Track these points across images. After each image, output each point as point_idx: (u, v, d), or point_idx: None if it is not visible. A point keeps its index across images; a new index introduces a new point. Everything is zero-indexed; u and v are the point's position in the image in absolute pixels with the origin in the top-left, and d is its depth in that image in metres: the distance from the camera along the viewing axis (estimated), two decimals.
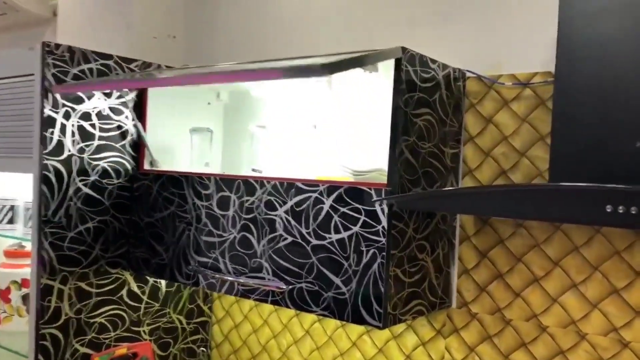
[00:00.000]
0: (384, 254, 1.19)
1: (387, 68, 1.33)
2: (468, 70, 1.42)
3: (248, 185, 1.41)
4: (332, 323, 1.67)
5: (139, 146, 1.69)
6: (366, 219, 1.22)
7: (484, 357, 1.41)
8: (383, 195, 1.19)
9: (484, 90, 1.41)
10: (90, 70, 1.57)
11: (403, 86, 1.20)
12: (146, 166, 1.69)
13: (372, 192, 1.21)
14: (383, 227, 1.19)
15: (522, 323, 1.36)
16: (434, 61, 1.31)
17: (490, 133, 1.41)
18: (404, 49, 1.20)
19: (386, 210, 1.19)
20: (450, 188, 1.36)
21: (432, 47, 1.42)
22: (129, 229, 1.67)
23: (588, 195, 0.90)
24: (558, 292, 1.31)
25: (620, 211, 0.86)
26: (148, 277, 1.74)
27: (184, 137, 1.74)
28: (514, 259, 1.37)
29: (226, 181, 1.46)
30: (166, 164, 1.70)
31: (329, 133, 1.54)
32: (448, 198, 1.05)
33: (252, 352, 1.85)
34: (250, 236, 1.41)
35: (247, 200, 1.41)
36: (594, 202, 0.89)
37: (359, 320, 1.22)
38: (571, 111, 1.06)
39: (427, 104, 1.30)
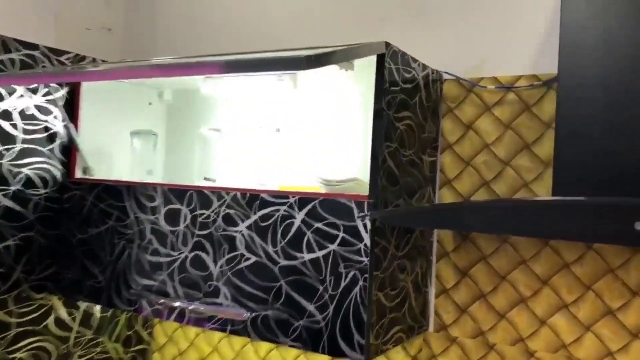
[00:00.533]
0: (366, 275, 1.04)
1: (363, 66, 1.19)
2: (446, 72, 1.31)
3: (202, 196, 1.23)
4: (292, 351, 1.51)
5: (69, 151, 1.46)
6: (345, 235, 1.07)
7: None
8: (366, 209, 1.04)
9: (463, 93, 1.30)
10: (12, 61, 1.34)
11: (386, 86, 1.06)
12: (78, 174, 1.46)
13: (353, 205, 1.06)
14: (365, 245, 1.05)
15: (508, 347, 1.24)
16: (414, 60, 1.18)
17: (470, 140, 1.29)
18: (387, 44, 1.06)
19: (369, 226, 1.04)
20: (455, 202, 1.22)
21: (406, 46, 1.29)
22: (57, 246, 1.43)
23: (613, 210, 0.78)
24: (547, 313, 1.21)
25: None
26: (80, 303, 1.51)
27: (122, 141, 1.53)
28: (498, 277, 1.26)
29: (176, 192, 1.26)
30: (102, 172, 1.48)
31: (293, 137, 1.38)
32: (452, 212, 0.91)
33: None
34: (204, 255, 1.22)
35: (202, 214, 1.23)
36: (619, 219, 0.78)
37: (337, 353, 1.07)
38: (576, 117, 0.96)
39: (408, 106, 1.17)
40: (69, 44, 1.60)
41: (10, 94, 1.34)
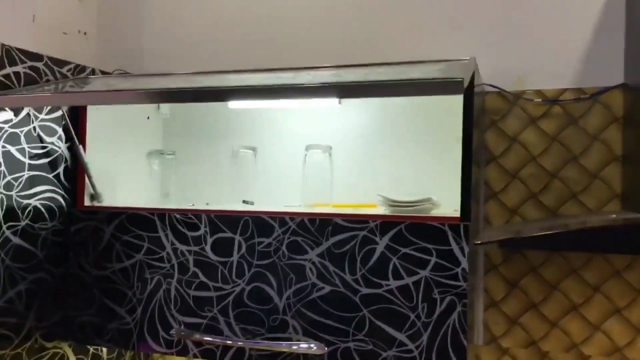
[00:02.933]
0: (465, 300, 1.01)
1: None
2: (490, 85, 1.31)
3: (260, 223, 1.13)
4: None
5: (74, 176, 1.28)
6: (439, 260, 1.03)
7: None
8: (462, 232, 1.01)
9: (507, 106, 1.31)
10: (17, 74, 1.14)
11: (474, 104, 1.04)
12: (87, 202, 1.29)
13: (447, 228, 1.02)
14: (463, 270, 1.01)
15: (562, 354, 1.28)
16: (479, 74, 1.17)
17: (515, 153, 1.31)
18: (475, 61, 1.04)
19: (467, 250, 1.01)
20: (577, 218, 1.18)
21: (444, 58, 1.28)
22: (67, 286, 1.25)
23: None
24: (600, 319, 1.25)
25: None
26: (90, 347, 1.33)
27: (132, 161, 1.37)
28: (548, 287, 1.28)
29: (226, 219, 1.15)
30: (108, 198, 1.32)
31: (341, 156, 1.31)
32: (576, 234, 0.90)
33: None
34: (266, 287, 1.12)
35: (261, 243, 1.13)
36: None
37: None
38: None
39: (475, 122, 1.15)
40: (46, 48, 1.40)
41: (16, 113, 1.14)
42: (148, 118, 1.48)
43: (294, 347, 1.09)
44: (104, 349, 1.39)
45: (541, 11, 1.29)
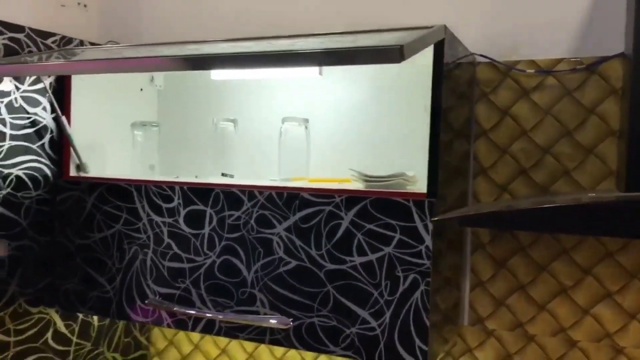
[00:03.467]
0: (428, 279, 0.98)
1: None
2: (481, 55, 1.24)
3: (231, 196, 1.12)
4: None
5: (61, 147, 1.30)
6: (403, 237, 0.99)
7: None
8: (427, 209, 0.97)
9: (499, 77, 1.24)
10: None
11: (444, 74, 0.98)
12: (72, 172, 1.31)
13: (411, 204, 0.98)
14: (427, 247, 0.97)
15: (548, 338, 1.22)
16: (460, 43, 1.11)
17: (506, 127, 1.24)
18: (445, 29, 0.98)
19: (431, 227, 0.97)
20: (555, 196, 1.13)
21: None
22: (53, 254, 1.28)
23: None
24: (590, 303, 1.19)
25: None
26: (78, 314, 1.37)
27: (117, 133, 1.38)
28: (537, 268, 1.22)
29: (199, 191, 1.14)
30: (95, 169, 1.33)
31: (319, 128, 1.28)
32: (551, 212, 0.84)
33: None
34: (235, 260, 1.12)
35: (231, 216, 1.12)
36: None
37: None
38: None
39: (455, 94, 1.09)
40: (44, 22, 1.42)
41: None
42: (141, 90, 1.49)
43: (261, 321, 1.09)
44: (95, 317, 1.43)
45: None
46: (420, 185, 1.11)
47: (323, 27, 1.32)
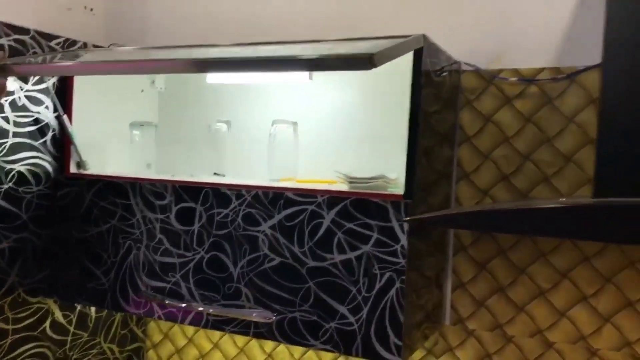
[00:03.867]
0: (403, 277, 1.02)
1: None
2: (465, 62, 1.28)
3: (220, 195, 1.17)
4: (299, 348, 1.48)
5: (62, 144, 1.36)
6: (380, 236, 1.04)
7: None
8: (403, 210, 1.01)
9: (483, 85, 1.28)
10: (1, 46, 1.22)
11: (423, 80, 1.03)
12: (73, 169, 1.36)
13: (389, 205, 1.03)
14: (402, 247, 1.02)
15: (526, 339, 1.26)
16: (442, 52, 1.15)
17: (489, 133, 1.28)
18: (425, 38, 1.02)
19: (406, 227, 1.02)
20: (521, 201, 1.17)
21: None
22: (53, 247, 1.34)
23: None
24: (566, 305, 1.22)
25: None
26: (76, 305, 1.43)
27: (117, 132, 1.43)
28: (516, 270, 1.26)
29: (189, 190, 1.20)
30: (95, 166, 1.39)
31: (308, 130, 1.33)
32: (514, 214, 0.89)
33: None
34: (223, 256, 1.17)
35: (219, 213, 1.17)
36: None
37: (372, 355, 1.04)
38: (621, 111, 0.95)
39: (437, 100, 1.14)
40: (50, 25, 1.48)
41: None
42: (142, 91, 1.55)
43: (246, 315, 1.14)
44: (92, 308, 1.48)
45: None
46: (401, 187, 1.16)
47: (319, 34, 1.37)
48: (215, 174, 1.32)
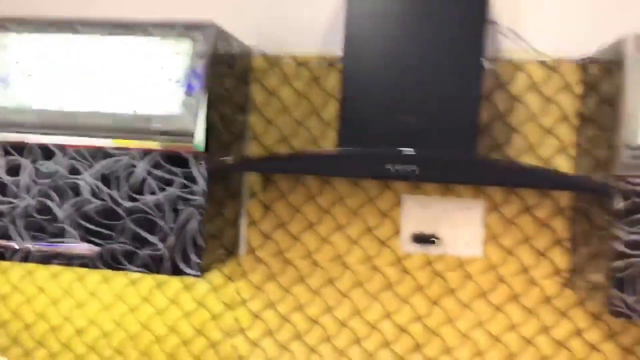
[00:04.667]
0: (202, 210, 1.34)
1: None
2: (255, 48, 1.63)
3: (45, 150, 1.38)
4: (120, 283, 1.73)
5: None
6: (184, 180, 1.34)
7: (269, 294, 1.68)
8: (202, 160, 1.33)
9: (268, 67, 1.64)
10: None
11: (213, 58, 1.35)
12: None
13: (190, 156, 1.34)
14: (203, 190, 1.34)
15: (300, 261, 1.66)
16: (233, 38, 1.48)
17: (273, 105, 1.64)
18: (215, 26, 1.34)
19: (205, 174, 1.34)
20: (281, 153, 1.54)
21: (222, 22, 1.59)
22: None
23: (374, 157, 1.21)
24: (328, 233, 1.65)
25: (397, 169, 1.20)
26: None
27: None
28: (293, 209, 1.65)
29: (15, 146, 1.39)
30: None
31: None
32: (282, 161, 1.26)
33: (51, 324, 1.77)
34: (49, 202, 1.38)
35: (42, 164, 1.38)
36: (378, 163, 1.21)
37: (179, 273, 1.35)
38: (356, 92, 1.37)
39: (233, 78, 1.46)
40: None
41: None
42: None
43: (71, 248, 1.37)
44: None
45: None
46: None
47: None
48: None
